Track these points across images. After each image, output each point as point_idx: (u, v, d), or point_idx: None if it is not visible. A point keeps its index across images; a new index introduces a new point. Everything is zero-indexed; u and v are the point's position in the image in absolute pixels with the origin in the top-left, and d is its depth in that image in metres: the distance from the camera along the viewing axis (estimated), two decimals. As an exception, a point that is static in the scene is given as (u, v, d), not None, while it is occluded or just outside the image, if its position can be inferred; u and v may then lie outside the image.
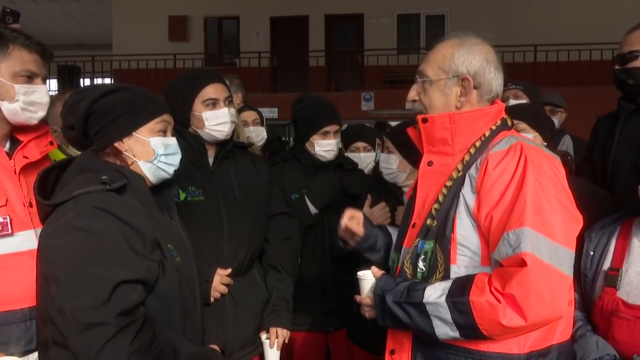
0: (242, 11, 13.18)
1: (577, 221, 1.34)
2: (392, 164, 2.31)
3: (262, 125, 3.46)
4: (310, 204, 2.41)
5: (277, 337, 2.10)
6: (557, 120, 3.54)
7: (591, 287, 1.58)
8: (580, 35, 10.93)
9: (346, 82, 12.30)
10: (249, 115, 3.40)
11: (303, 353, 2.43)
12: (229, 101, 2.09)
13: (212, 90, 2.04)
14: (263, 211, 2.17)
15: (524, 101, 3.01)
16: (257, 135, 3.36)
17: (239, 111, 3.45)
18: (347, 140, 3.02)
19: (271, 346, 2.09)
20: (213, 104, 2.04)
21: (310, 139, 2.47)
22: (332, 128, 2.48)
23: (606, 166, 2.22)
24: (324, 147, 2.47)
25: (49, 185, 1.51)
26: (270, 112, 10.78)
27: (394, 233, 1.78)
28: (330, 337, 2.49)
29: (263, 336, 2.12)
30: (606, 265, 1.57)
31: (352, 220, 1.73)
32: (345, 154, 2.86)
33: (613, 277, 1.53)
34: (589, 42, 10.61)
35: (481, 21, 10.58)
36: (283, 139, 7.27)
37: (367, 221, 1.77)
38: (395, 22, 12.99)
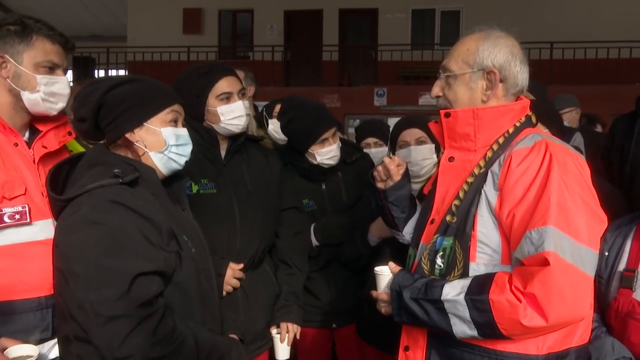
0: (257, 4, 13.17)
1: (601, 222, 1.32)
2: (431, 155, 2.21)
3: None
4: (313, 236, 2.36)
5: (287, 332, 2.10)
6: (566, 122, 3.48)
7: (606, 288, 1.56)
8: (597, 33, 10.80)
9: (359, 77, 12.25)
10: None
11: (309, 349, 2.42)
12: (242, 93, 2.07)
13: (225, 84, 2.03)
14: (274, 205, 2.16)
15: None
16: None
17: (274, 103, 3.44)
18: (359, 136, 3.01)
19: (282, 341, 2.09)
20: (227, 97, 2.02)
21: (309, 150, 2.32)
22: (329, 133, 2.31)
23: (625, 166, 2.20)
24: (326, 155, 2.32)
25: (61, 181, 1.51)
26: (283, 107, 10.76)
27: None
28: (336, 333, 2.49)
29: (273, 331, 2.11)
30: (621, 266, 1.55)
31: (394, 162, 1.72)
32: None
33: (629, 279, 1.51)
34: (607, 40, 10.48)
35: (497, 17, 10.44)
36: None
37: (407, 176, 1.76)
38: (410, 17, 12.91)
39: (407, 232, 1.77)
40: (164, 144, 1.52)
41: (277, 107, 3.37)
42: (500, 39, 1.45)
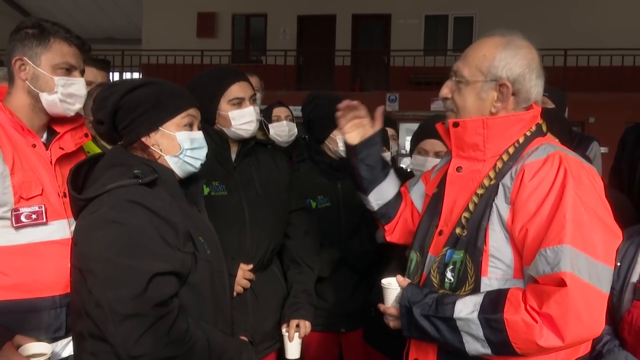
0: (270, 9, 13.24)
1: (616, 237, 1.28)
2: None
3: (294, 121, 3.49)
4: None
5: (297, 330, 2.09)
6: None
7: (618, 300, 1.53)
8: (612, 40, 10.73)
9: (371, 82, 12.25)
10: (282, 111, 3.42)
11: (315, 353, 2.41)
12: (253, 99, 2.09)
13: (238, 89, 2.04)
14: (283, 207, 2.18)
15: (549, 107, 2.95)
16: (290, 130, 3.38)
17: (271, 107, 3.48)
18: None
19: (290, 339, 2.08)
20: (239, 103, 2.04)
21: (331, 135, 2.39)
22: None
23: (634, 176, 2.19)
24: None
25: (80, 180, 1.53)
26: (295, 110, 10.76)
27: (391, 180, 1.74)
28: (343, 338, 2.47)
29: (283, 329, 2.11)
30: (634, 277, 1.52)
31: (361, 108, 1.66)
32: None
33: None
34: (621, 47, 10.40)
35: (511, 24, 10.38)
36: (304, 137, 7.23)
37: (380, 137, 1.71)
38: (423, 23, 12.90)
39: (373, 199, 1.73)
40: (178, 148, 1.53)
41: (275, 112, 3.40)
42: (521, 49, 1.37)
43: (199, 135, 1.59)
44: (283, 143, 3.34)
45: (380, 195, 1.73)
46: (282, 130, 3.34)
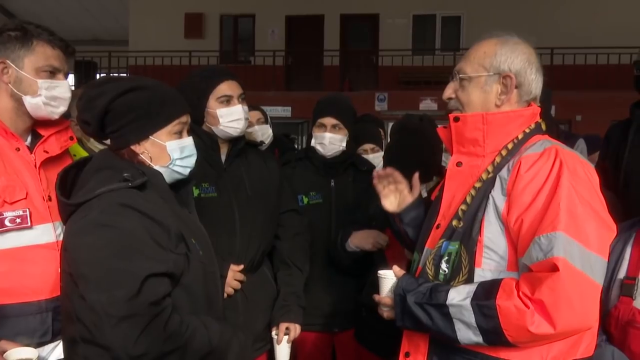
0: (258, 9, 13.23)
1: (610, 230, 1.29)
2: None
3: (267, 123, 3.47)
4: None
5: (286, 333, 2.10)
6: None
7: (606, 295, 1.53)
8: (598, 39, 10.84)
9: (360, 82, 12.27)
10: (253, 115, 3.41)
11: (308, 353, 2.42)
12: (242, 98, 2.09)
13: (226, 87, 2.05)
14: (274, 208, 2.18)
15: None
16: (263, 133, 3.38)
17: None
18: (355, 142, 3.02)
19: (279, 342, 2.09)
20: (227, 100, 2.05)
21: (312, 131, 2.47)
22: (327, 121, 2.40)
23: (619, 173, 2.21)
24: (318, 139, 2.41)
25: (68, 185, 1.51)
26: (284, 111, 10.80)
27: None
28: (336, 338, 2.48)
29: (273, 332, 2.12)
30: (622, 273, 1.53)
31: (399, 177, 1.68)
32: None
33: (629, 287, 1.49)
34: (607, 46, 10.51)
35: (498, 23, 10.48)
36: (292, 136, 7.22)
37: (421, 195, 1.71)
38: (411, 22, 12.96)
39: None
40: (168, 158, 1.52)
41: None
42: (518, 45, 1.43)
43: (189, 142, 1.57)
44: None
45: None
46: (254, 134, 3.33)
